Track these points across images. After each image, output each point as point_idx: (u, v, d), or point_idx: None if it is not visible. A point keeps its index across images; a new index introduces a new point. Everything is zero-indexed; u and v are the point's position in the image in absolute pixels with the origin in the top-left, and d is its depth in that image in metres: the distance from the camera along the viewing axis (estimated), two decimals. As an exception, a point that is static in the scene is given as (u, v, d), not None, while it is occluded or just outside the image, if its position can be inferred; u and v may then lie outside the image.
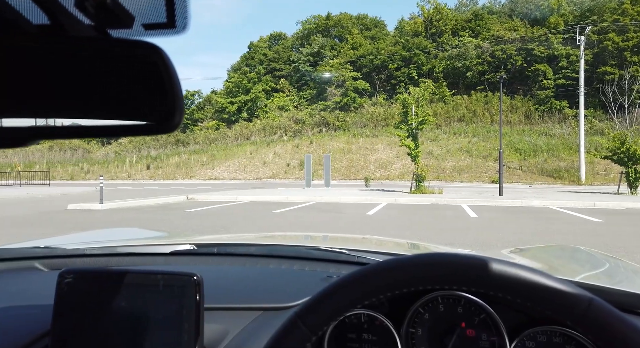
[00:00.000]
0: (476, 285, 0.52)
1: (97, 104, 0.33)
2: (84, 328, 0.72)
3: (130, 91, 0.33)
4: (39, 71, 0.32)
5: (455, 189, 19.03)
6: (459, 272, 0.52)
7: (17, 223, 8.59)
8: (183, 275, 0.71)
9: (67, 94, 0.32)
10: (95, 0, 0.31)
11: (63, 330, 0.72)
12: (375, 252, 1.15)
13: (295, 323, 0.54)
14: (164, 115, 0.34)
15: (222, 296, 0.88)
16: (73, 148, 43.72)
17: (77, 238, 1.72)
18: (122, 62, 0.33)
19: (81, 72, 0.33)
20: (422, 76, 38.90)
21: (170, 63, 0.34)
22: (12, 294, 0.95)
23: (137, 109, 0.34)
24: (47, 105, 0.32)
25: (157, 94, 0.34)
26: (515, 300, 0.51)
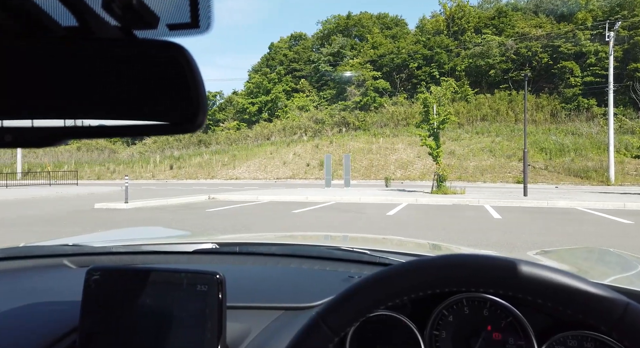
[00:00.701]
0: (504, 288, 0.51)
1: (123, 104, 0.34)
2: (110, 325, 0.73)
3: (155, 91, 0.34)
4: (67, 72, 0.33)
5: (477, 189, 18.69)
6: (487, 274, 0.51)
7: (47, 221, 8.90)
8: (206, 274, 0.72)
9: (94, 95, 0.33)
10: (122, 2, 0.32)
11: (91, 326, 0.74)
12: (398, 253, 1.13)
13: (317, 324, 0.53)
14: (188, 115, 0.34)
15: (244, 295, 0.89)
16: (100, 148, 44.98)
17: (104, 236, 1.77)
18: (148, 63, 0.34)
19: (107, 73, 0.33)
20: (444, 75, 38.33)
21: (194, 63, 0.34)
22: (42, 291, 0.99)
23: (161, 109, 0.34)
24: (75, 106, 0.33)
25: (181, 94, 0.34)
26: (545, 303, 0.50)
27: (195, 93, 0.34)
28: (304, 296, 0.90)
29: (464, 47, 41.54)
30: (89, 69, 0.33)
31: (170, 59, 0.34)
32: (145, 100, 0.34)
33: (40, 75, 0.33)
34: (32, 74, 0.32)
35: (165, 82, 0.34)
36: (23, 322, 0.82)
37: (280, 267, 1.14)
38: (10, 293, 0.98)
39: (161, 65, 0.34)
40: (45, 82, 0.33)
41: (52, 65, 0.33)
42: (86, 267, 0.79)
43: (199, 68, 0.34)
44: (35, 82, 0.33)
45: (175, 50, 0.34)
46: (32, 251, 1.23)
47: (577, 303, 0.48)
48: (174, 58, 0.34)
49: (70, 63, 0.33)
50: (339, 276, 1.01)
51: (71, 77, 0.33)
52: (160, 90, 0.34)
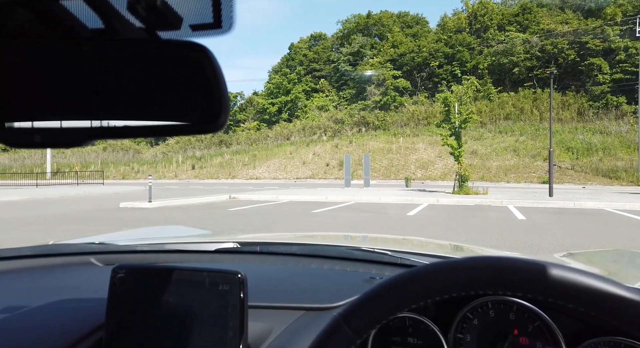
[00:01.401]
0: (534, 292, 0.49)
1: (147, 104, 0.35)
2: (135, 322, 0.75)
3: (179, 92, 0.34)
4: (93, 73, 0.34)
5: (501, 190, 18.30)
6: (516, 277, 0.49)
7: (75, 219, 9.18)
8: (228, 273, 0.72)
9: (119, 95, 0.33)
10: (146, 3, 0.32)
11: (116, 323, 0.75)
12: (419, 254, 1.12)
13: (339, 325, 0.52)
14: (210, 115, 0.35)
15: (265, 295, 0.89)
16: (125, 149, 46.14)
17: (128, 235, 1.81)
18: (171, 63, 0.34)
19: (132, 74, 0.34)
20: (466, 73, 37.71)
21: (216, 63, 0.34)
22: (70, 287, 1.01)
23: (184, 109, 0.34)
24: (100, 107, 0.34)
25: (204, 94, 0.34)
26: (577, 308, 0.48)
27: (217, 93, 0.34)
28: (325, 296, 0.89)
29: (486, 45, 40.77)
30: (114, 70, 0.34)
31: (193, 59, 0.34)
32: (168, 101, 0.35)
33: (68, 77, 0.33)
34: (60, 75, 0.33)
35: (188, 82, 0.34)
36: (52, 318, 0.85)
37: (300, 267, 1.14)
38: (40, 289, 1.01)
39: (184, 66, 0.34)
40: (72, 83, 0.33)
41: (79, 66, 0.33)
42: (112, 265, 0.80)
43: (221, 68, 0.35)
44: (62, 84, 0.33)
45: (198, 50, 0.34)
46: (60, 249, 1.27)
47: (612, 308, 0.46)
48: (196, 58, 0.34)
49: (95, 64, 0.34)
50: (360, 277, 1.01)
51: (97, 78, 0.34)
52: (184, 90, 0.34)
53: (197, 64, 0.34)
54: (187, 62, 0.34)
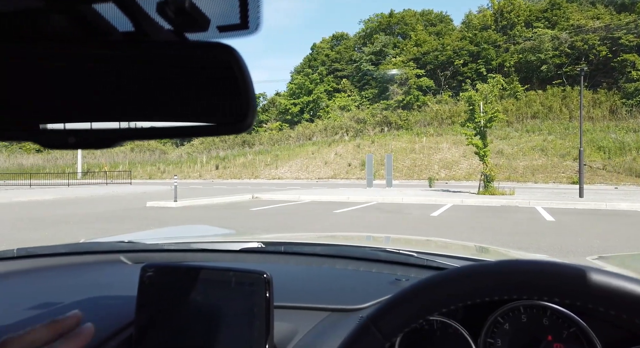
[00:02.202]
0: (574, 297, 0.47)
1: (176, 105, 0.35)
2: (163, 320, 0.76)
3: (207, 93, 0.34)
4: (123, 76, 0.34)
5: (528, 190, 17.82)
6: (555, 282, 0.47)
7: (104, 218, 9.47)
8: (254, 273, 0.72)
9: (149, 97, 0.34)
10: (176, 5, 0.32)
11: (145, 320, 0.77)
12: (446, 256, 1.10)
13: (367, 328, 0.51)
14: (238, 116, 0.35)
15: (290, 295, 0.89)
16: (151, 150, 47.30)
17: (156, 234, 1.85)
18: (200, 65, 0.35)
19: (161, 75, 0.34)
20: (492, 71, 36.94)
21: (244, 64, 0.35)
22: (101, 285, 1.04)
23: (212, 110, 0.35)
24: (130, 109, 0.34)
25: (232, 94, 0.35)
26: (619, 315, 0.46)
27: (245, 94, 0.35)
28: (351, 298, 0.88)
29: (513, 42, 39.81)
30: (143, 72, 0.35)
31: (221, 60, 0.34)
32: (197, 102, 0.35)
33: (99, 80, 0.34)
34: (92, 78, 0.34)
35: (216, 83, 0.35)
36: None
37: (325, 268, 1.13)
38: (73, 286, 1.04)
39: (212, 67, 0.35)
40: (104, 86, 0.34)
41: (110, 69, 0.34)
42: (140, 263, 0.82)
43: (248, 69, 0.35)
44: (94, 87, 0.34)
45: (226, 51, 0.34)
46: (92, 247, 1.31)
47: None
48: (224, 59, 0.34)
49: (126, 67, 0.34)
50: (385, 278, 0.99)
51: (127, 80, 0.34)
52: (212, 91, 0.35)
53: (225, 65, 0.34)
54: (215, 63, 0.35)
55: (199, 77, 0.35)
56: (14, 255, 1.21)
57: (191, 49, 0.35)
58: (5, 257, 1.19)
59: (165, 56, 0.35)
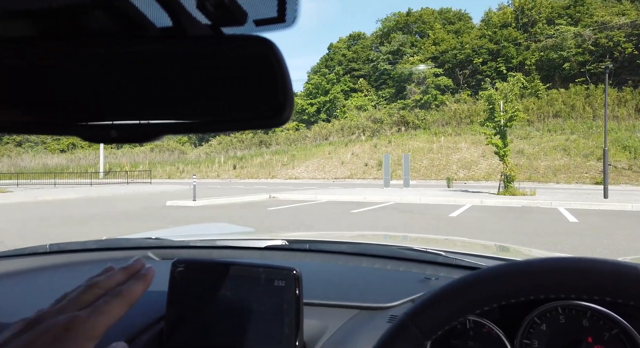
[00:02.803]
0: (613, 294, 0.45)
1: (214, 100, 0.35)
2: (193, 315, 0.77)
3: (245, 86, 0.34)
4: (162, 71, 0.34)
5: (550, 191, 17.43)
6: (607, 281, 0.45)
7: (126, 217, 9.66)
8: (283, 270, 0.72)
9: (187, 92, 0.34)
10: (215, 0, 0.33)
11: (176, 315, 0.78)
12: (475, 255, 1.08)
13: (406, 325, 0.50)
14: (275, 109, 0.35)
15: (317, 292, 0.89)
16: (170, 149, 48.07)
17: (181, 231, 1.88)
18: (238, 59, 0.35)
19: (199, 70, 0.34)
20: (512, 70, 36.22)
21: (282, 57, 0.34)
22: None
23: (250, 103, 0.35)
24: (170, 103, 0.34)
25: (269, 88, 0.34)
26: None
27: (282, 87, 0.34)
28: (379, 296, 0.88)
29: (534, 40, 39.02)
30: (182, 67, 0.35)
31: (259, 53, 0.34)
32: (235, 96, 0.35)
33: (139, 75, 0.34)
34: (132, 73, 0.34)
35: (254, 77, 0.35)
36: None
37: (351, 266, 1.13)
38: None
39: (250, 61, 0.35)
40: (143, 81, 0.34)
41: (149, 64, 0.35)
42: (167, 260, 0.83)
43: (286, 62, 0.35)
44: (135, 81, 0.34)
45: (264, 44, 0.34)
46: (120, 243, 1.34)
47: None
48: (262, 52, 0.34)
49: (164, 62, 0.35)
50: (414, 277, 0.98)
51: (165, 75, 0.35)
52: (250, 85, 0.35)
53: (263, 58, 0.34)
54: (253, 56, 0.34)
55: (237, 71, 0.34)
56: (47, 251, 1.24)
57: (229, 43, 0.35)
58: (39, 253, 1.23)
59: (203, 51, 0.35)
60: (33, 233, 6.97)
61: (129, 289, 0.45)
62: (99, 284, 0.45)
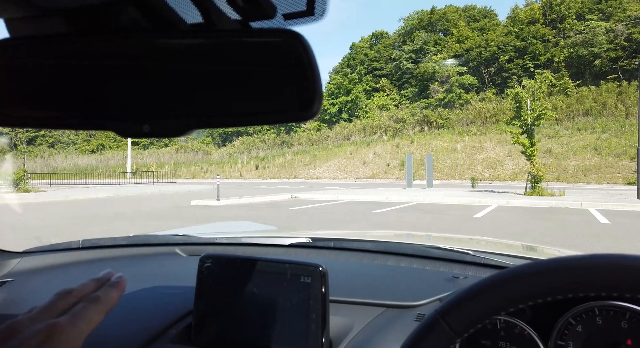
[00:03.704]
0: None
1: (244, 94, 0.35)
2: (221, 309, 0.78)
3: (275, 80, 0.34)
4: (193, 66, 0.35)
5: (579, 191, 16.87)
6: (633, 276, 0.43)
7: (153, 216, 9.90)
8: (309, 266, 0.73)
9: (218, 86, 0.34)
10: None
11: (204, 309, 0.79)
12: (504, 255, 1.06)
13: (438, 323, 0.49)
14: (305, 103, 0.35)
15: (342, 289, 0.88)
16: (194, 150, 48.96)
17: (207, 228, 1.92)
18: (267, 52, 0.35)
19: (230, 65, 0.34)
20: (539, 67, 35.25)
21: (311, 50, 0.34)
22: (159, 275, 1.09)
23: (280, 97, 0.35)
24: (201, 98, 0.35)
25: (299, 81, 0.34)
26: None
27: (312, 80, 0.34)
28: (406, 294, 0.87)
29: (563, 36, 37.85)
30: (212, 62, 0.35)
31: (289, 46, 0.34)
32: (265, 89, 0.35)
33: (170, 70, 0.35)
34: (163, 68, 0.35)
35: (283, 70, 0.35)
36: (148, 303, 0.92)
37: (377, 264, 1.13)
38: (133, 276, 1.09)
39: (280, 54, 0.34)
40: (175, 75, 0.35)
41: (180, 59, 0.35)
42: (194, 256, 0.85)
43: (315, 55, 0.34)
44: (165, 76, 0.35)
45: (293, 37, 0.34)
46: (149, 240, 1.38)
47: None
48: (291, 46, 0.34)
49: (195, 57, 0.35)
50: (441, 276, 0.97)
51: (196, 69, 0.35)
52: (279, 78, 0.34)
53: (292, 52, 0.34)
54: (283, 50, 0.34)
55: (266, 65, 0.34)
56: (80, 246, 1.29)
57: (258, 36, 0.35)
58: (72, 248, 1.28)
59: (232, 45, 0.35)
60: (65, 231, 7.23)
61: (105, 295, 0.45)
62: (72, 292, 0.44)
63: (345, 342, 0.76)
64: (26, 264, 1.14)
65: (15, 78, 0.33)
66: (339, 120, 45.29)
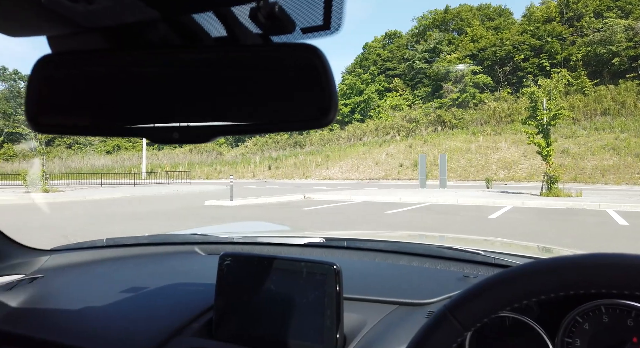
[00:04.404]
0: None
1: (265, 103, 0.37)
2: (240, 306, 0.82)
3: (293, 90, 0.37)
4: (218, 77, 0.37)
5: (597, 192, 16.55)
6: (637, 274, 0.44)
7: (168, 216, 10.05)
8: (324, 264, 0.76)
9: (241, 96, 0.37)
10: (266, 11, 0.35)
11: (224, 305, 0.83)
12: (514, 255, 1.07)
13: (446, 317, 0.51)
14: (321, 111, 0.37)
15: (355, 288, 0.91)
16: (208, 151, 49.43)
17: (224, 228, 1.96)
18: (286, 65, 0.37)
19: (252, 76, 0.37)
20: (556, 66, 34.68)
21: (327, 63, 0.37)
22: (180, 273, 1.13)
23: (298, 106, 0.37)
24: (225, 107, 0.37)
25: (316, 91, 0.37)
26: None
27: (327, 90, 0.36)
28: (418, 292, 0.89)
29: (580, 34, 37.17)
30: (235, 73, 0.37)
31: (306, 59, 0.36)
32: (284, 99, 0.37)
33: (198, 82, 0.37)
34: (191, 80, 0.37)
35: (301, 81, 0.37)
36: (170, 299, 0.96)
37: (389, 263, 1.15)
38: (155, 274, 1.14)
39: (298, 66, 0.37)
40: (201, 87, 0.37)
41: (205, 71, 0.37)
42: (213, 254, 0.88)
43: (331, 67, 0.37)
44: (192, 87, 0.37)
45: (310, 51, 0.36)
46: (169, 239, 1.43)
47: None
48: (309, 58, 0.36)
49: (219, 69, 0.37)
50: (452, 275, 0.99)
51: (221, 81, 0.37)
52: (298, 89, 0.37)
53: (309, 64, 0.36)
54: (301, 62, 0.37)
55: (286, 76, 0.36)
56: (104, 244, 1.34)
57: (278, 50, 0.38)
58: (97, 246, 1.33)
59: (254, 58, 0.37)
60: (85, 229, 7.40)
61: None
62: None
63: (359, 338, 0.78)
64: (55, 261, 1.19)
65: (56, 90, 0.36)
66: (352, 121, 45.23)
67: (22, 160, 40.25)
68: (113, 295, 0.98)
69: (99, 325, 0.89)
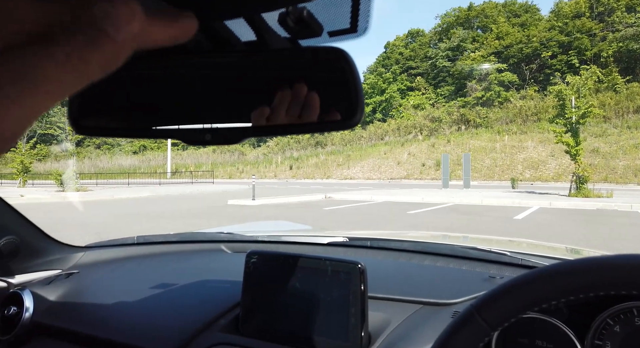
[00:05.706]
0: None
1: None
2: (266, 303, 0.84)
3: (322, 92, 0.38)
4: (248, 81, 0.39)
5: (629, 193, 15.93)
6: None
7: (193, 214, 10.25)
8: (349, 263, 0.77)
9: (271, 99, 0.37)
10: (295, 15, 0.35)
11: (251, 301, 0.85)
12: (542, 256, 1.05)
13: (472, 316, 0.50)
14: (348, 113, 0.38)
15: (380, 287, 0.92)
16: (231, 151, 50.09)
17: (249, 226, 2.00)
18: (315, 68, 0.38)
19: (281, 79, 0.38)
20: (585, 62, 33.56)
21: (354, 65, 0.37)
22: (207, 270, 1.17)
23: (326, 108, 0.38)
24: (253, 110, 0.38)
25: (343, 93, 0.38)
26: None
27: (354, 92, 0.37)
28: (443, 292, 0.89)
29: (612, 30, 35.86)
30: (265, 77, 0.39)
31: (334, 62, 0.37)
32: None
33: (229, 85, 0.39)
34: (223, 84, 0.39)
35: (329, 84, 0.38)
36: (197, 295, 0.99)
37: (413, 263, 1.15)
38: (183, 270, 1.18)
39: (326, 69, 0.38)
40: (233, 91, 0.39)
41: (237, 75, 0.39)
42: (239, 253, 0.91)
43: (358, 69, 0.38)
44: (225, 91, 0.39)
45: (338, 54, 0.37)
46: (196, 237, 1.47)
47: None
48: (337, 61, 0.37)
49: (250, 72, 0.39)
50: (478, 275, 0.98)
51: (252, 85, 0.39)
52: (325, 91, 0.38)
53: (337, 67, 0.37)
54: (329, 65, 0.38)
55: (314, 80, 0.37)
56: (135, 242, 1.39)
57: (307, 54, 0.39)
58: (128, 243, 1.38)
59: (283, 62, 0.39)
60: (114, 227, 7.63)
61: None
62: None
63: (384, 336, 0.79)
64: (89, 258, 1.25)
65: (96, 93, 0.36)
66: (373, 120, 44.99)
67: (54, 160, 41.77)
68: (144, 291, 1.02)
69: (130, 320, 0.93)
